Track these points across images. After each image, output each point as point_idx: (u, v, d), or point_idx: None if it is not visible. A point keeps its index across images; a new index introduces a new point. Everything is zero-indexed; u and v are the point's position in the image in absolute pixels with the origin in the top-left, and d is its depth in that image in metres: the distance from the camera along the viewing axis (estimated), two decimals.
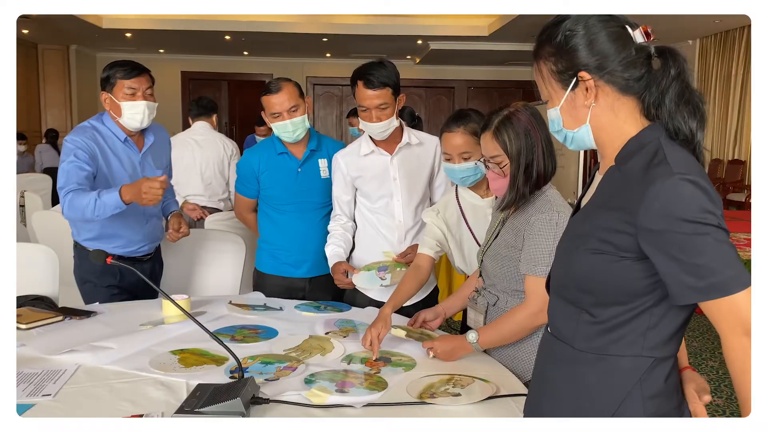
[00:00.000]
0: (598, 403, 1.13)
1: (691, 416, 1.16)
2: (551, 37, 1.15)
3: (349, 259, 2.50)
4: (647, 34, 1.11)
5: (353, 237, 2.52)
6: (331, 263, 2.44)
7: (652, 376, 1.11)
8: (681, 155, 1.07)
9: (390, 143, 2.40)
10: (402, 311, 2.30)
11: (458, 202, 2.19)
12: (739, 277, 1.00)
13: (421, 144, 2.45)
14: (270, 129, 2.54)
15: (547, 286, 1.28)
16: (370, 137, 2.41)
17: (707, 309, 1.04)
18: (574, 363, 1.16)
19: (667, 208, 1.01)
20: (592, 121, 1.14)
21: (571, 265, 1.15)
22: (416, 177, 2.43)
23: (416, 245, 2.36)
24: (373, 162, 2.41)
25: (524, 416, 1.32)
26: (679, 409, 1.14)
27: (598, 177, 1.20)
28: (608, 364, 1.12)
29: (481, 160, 1.84)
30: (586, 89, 1.12)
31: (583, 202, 1.24)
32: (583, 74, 1.11)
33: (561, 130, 1.19)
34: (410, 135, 2.43)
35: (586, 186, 1.27)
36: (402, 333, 1.89)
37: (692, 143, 1.10)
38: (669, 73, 1.10)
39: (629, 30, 1.11)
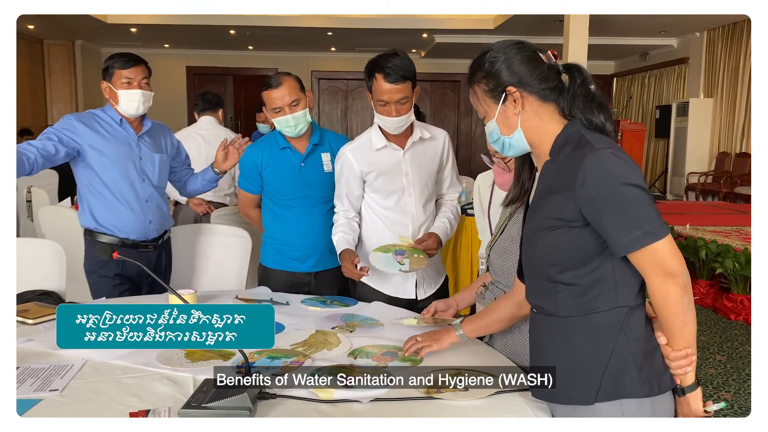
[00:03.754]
0: (591, 359, 1.31)
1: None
2: (481, 65, 1.41)
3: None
4: (554, 56, 1.39)
5: (359, 232, 2.49)
6: (339, 249, 2.35)
7: (631, 322, 1.31)
8: (599, 137, 1.32)
9: (401, 137, 2.36)
10: (414, 307, 2.31)
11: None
12: (659, 229, 1.24)
13: (432, 138, 2.43)
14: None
15: (520, 276, 1.46)
16: (381, 130, 2.35)
17: (633, 258, 1.26)
18: (563, 330, 1.35)
19: (598, 176, 1.24)
20: (522, 126, 1.38)
21: (534, 248, 1.38)
22: (428, 172, 2.42)
23: (433, 233, 2.36)
24: (386, 157, 2.36)
25: (532, 394, 1.42)
26: (658, 348, 1.33)
27: (537, 175, 1.42)
28: (591, 321, 1.31)
29: (487, 154, 1.84)
30: (514, 101, 1.37)
31: (531, 199, 1.46)
32: (510, 89, 1.37)
33: (499, 138, 1.42)
34: (422, 129, 2.40)
35: (530, 186, 1.50)
36: (414, 321, 1.94)
37: (605, 132, 1.35)
38: (576, 82, 1.37)
39: (539, 54, 1.39)
